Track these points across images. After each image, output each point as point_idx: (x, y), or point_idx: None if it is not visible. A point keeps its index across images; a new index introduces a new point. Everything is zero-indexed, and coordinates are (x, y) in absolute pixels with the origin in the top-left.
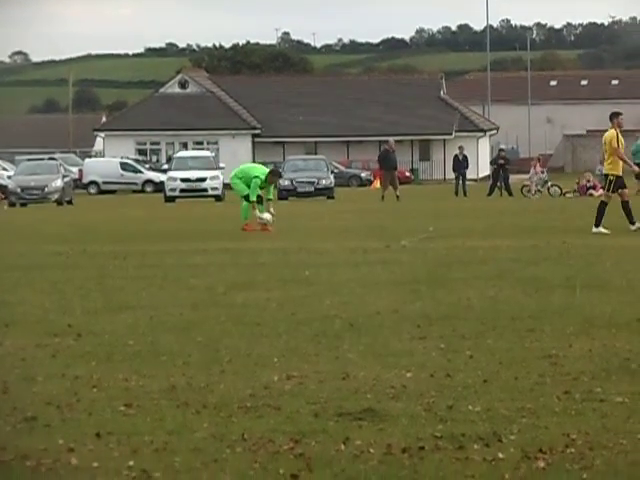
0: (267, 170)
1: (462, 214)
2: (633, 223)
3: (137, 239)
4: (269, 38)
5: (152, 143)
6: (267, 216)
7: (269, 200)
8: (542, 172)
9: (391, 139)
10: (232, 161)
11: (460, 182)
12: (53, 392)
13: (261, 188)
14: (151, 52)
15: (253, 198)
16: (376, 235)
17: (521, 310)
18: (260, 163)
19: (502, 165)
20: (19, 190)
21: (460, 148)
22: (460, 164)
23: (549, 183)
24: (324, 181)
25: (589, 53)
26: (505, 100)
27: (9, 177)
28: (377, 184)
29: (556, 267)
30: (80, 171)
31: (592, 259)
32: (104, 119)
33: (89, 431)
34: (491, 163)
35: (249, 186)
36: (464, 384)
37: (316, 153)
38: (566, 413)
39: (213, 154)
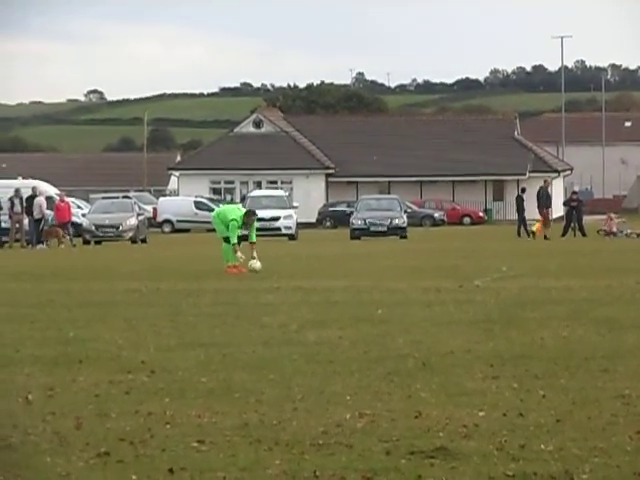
0: (243, 212)
1: (536, 254)
2: None
3: (210, 277)
4: (343, 78)
5: (226, 182)
6: (258, 265)
7: (252, 243)
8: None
9: (549, 178)
10: (306, 200)
11: (522, 223)
12: (126, 428)
13: (242, 229)
14: (226, 91)
15: (234, 241)
16: (449, 275)
17: (594, 350)
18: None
19: (575, 207)
20: (94, 228)
21: (523, 190)
22: (522, 205)
23: (628, 230)
24: (397, 221)
25: None
26: (579, 141)
27: (84, 215)
28: (540, 226)
29: (630, 307)
30: (154, 210)
31: None
32: (179, 158)
33: (162, 467)
34: (564, 204)
35: (228, 227)
36: (537, 423)
37: (389, 193)
38: (638, 452)
39: (287, 193)
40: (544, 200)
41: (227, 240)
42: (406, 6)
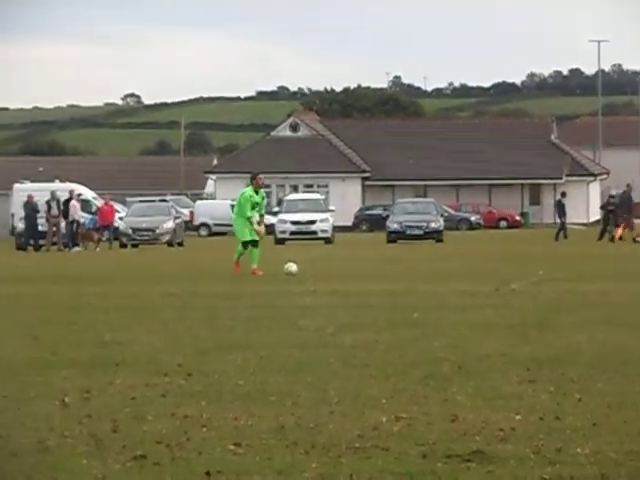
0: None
1: (572, 258)
2: None
3: (248, 280)
4: (380, 82)
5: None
6: (294, 268)
7: (262, 216)
8: None
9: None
10: (342, 204)
11: (562, 226)
12: (163, 431)
13: (255, 205)
14: (262, 95)
15: (248, 214)
16: (485, 278)
17: (631, 354)
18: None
19: (612, 210)
20: (130, 231)
21: (563, 194)
22: (563, 209)
23: None
24: (433, 224)
25: None
26: (616, 144)
27: (121, 218)
28: (621, 231)
29: None
30: (191, 213)
31: None
32: (215, 162)
33: (199, 470)
34: (601, 208)
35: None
36: (573, 427)
37: (425, 196)
38: None
39: (323, 197)
40: (627, 204)
41: (245, 245)
42: (443, 9)
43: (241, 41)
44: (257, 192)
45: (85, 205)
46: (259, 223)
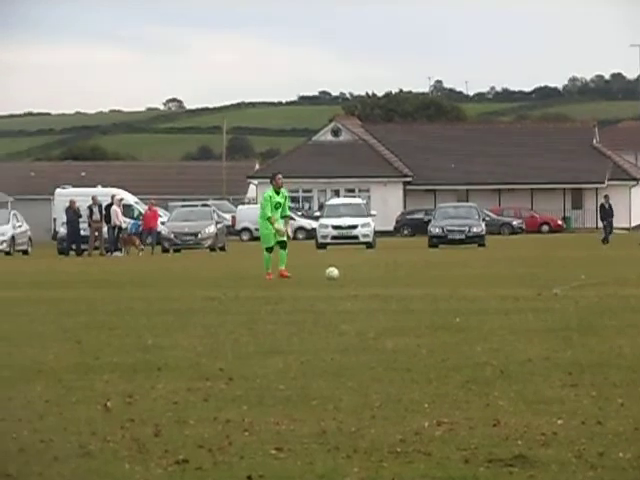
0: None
1: (615, 262)
2: None
3: (289, 285)
4: (421, 86)
5: (304, 190)
6: (335, 273)
7: (286, 217)
8: None
9: None
10: (383, 208)
11: (607, 230)
12: (205, 435)
13: (277, 205)
14: (304, 100)
15: (269, 214)
16: (527, 283)
17: None
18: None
19: None
20: (173, 236)
21: (606, 197)
22: (607, 213)
23: None
24: (475, 229)
25: None
26: None
27: (163, 223)
28: None
29: None
30: (233, 218)
31: None
32: (257, 166)
33: (240, 474)
34: None
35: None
36: (615, 432)
37: (467, 201)
38: None
39: (364, 201)
40: None
41: (269, 250)
42: (484, 14)
43: (283, 46)
44: (278, 192)
45: (127, 210)
46: (285, 224)
